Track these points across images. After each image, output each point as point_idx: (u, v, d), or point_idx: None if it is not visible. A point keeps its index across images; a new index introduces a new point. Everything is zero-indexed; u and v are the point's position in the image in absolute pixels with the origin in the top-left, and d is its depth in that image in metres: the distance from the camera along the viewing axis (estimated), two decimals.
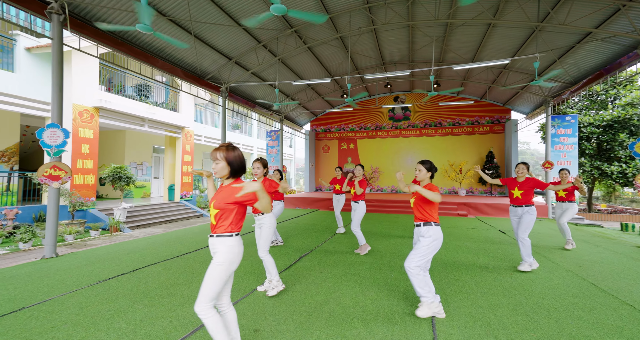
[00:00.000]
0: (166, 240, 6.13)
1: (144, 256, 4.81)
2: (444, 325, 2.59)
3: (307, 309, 2.89)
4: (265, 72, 11.04)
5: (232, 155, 1.89)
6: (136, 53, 7.38)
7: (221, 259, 1.85)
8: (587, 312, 2.88)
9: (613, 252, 5.43)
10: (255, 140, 20.41)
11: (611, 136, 11.71)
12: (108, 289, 3.39)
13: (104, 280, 3.70)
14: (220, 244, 1.89)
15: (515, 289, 3.48)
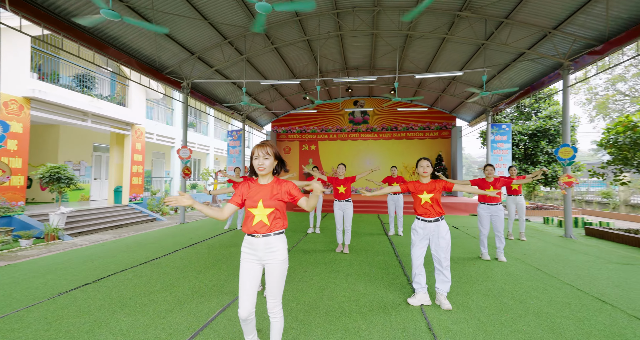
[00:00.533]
0: (125, 246, 5.61)
1: (105, 264, 4.36)
2: (432, 312, 2.84)
3: (304, 306, 2.94)
4: (228, 70, 10.68)
5: (277, 151, 1.92)
6: (87, 40, 6.64)
7: (284, 255, 1.89)
8: (541, 292, 3.39)
9: (544, 242, 6.37)
10: (212, 139, 19.51)
11: (535, 143, 13.68)
12: (75, 301, 3.03)
13: (66, 291, 3.29)
14: (279, 241, 1.89)
15: (481, 276, 3.92)
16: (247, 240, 1.93)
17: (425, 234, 2.97)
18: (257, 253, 1.88)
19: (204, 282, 3.62)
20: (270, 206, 1.86)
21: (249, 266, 1.90)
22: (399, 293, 3.30)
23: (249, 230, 1.89)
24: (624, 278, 3.95)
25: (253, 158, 1.89)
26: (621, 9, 6.20)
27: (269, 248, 1.87)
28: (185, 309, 2.87)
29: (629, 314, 2.85)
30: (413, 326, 2.54)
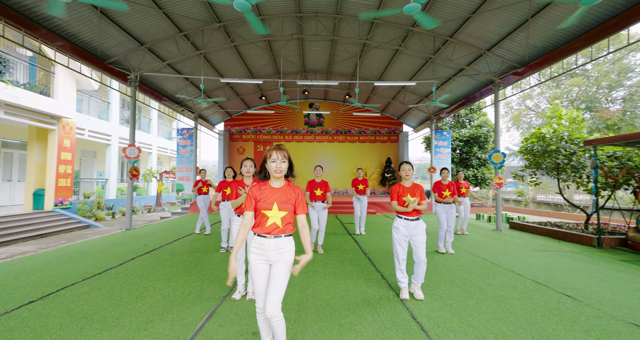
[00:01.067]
0: (65, 257, 4.90)
1: (47, 278, 3.78)
2: (410, 303, 3.11)
3: (292, 307, 2.97)
4: (180, 65, 10.01)
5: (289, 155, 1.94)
6: (10, 16, 5.65)
7: (292, 257, 1.92)
8: (492, 278, 3.93)
9: (482, 235, 7.31)
10: (155, 137, 17.95)
11: (469, 148, 15.51)
12: (23, 322, 2.60)
13: (9, 311, 2.80)
14: (289, 243, 1.92)
15: (441, 268, 4.38)
16: (256, 241, 1.91)
17: (408, 232, 3.18)
18: (267, 253, 1.88)
19: (178, 290, 3.40)
20: (284, 209, 1.89)
21: (260, 267, 1.91)
22: (377, 288, 3.52)
23: (262, 231, 1.88)
24: (547, 262, 4.78)
25: (269, 160, 1.89)
26: (537, 39, 7.43)
27: (279, 249, 1.89)
28: (166, 319, 2.68)
29: (559, 291, 3.48)
30: (399, 317, 2.77)
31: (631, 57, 16.88)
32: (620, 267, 4.62)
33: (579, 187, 8.15)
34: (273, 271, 1.89)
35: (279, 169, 1.87)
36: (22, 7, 5.81)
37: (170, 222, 9.21)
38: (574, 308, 3.00)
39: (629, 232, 6.29)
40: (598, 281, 3.87)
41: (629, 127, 15.83)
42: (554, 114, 8.89)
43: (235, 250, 1.87)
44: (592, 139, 6.71)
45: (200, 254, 5.11)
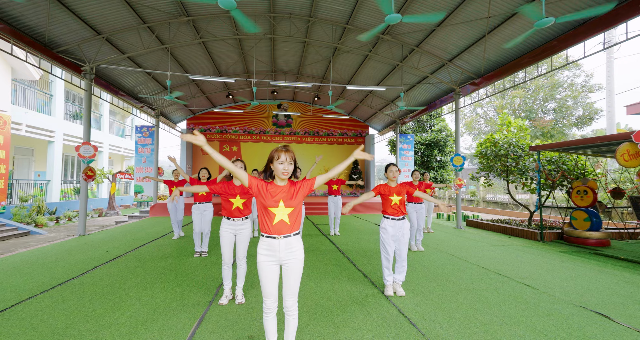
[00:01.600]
0: (11, 268, 4.32)
1: None
2: (396, 300, 3.28)
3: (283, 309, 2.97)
4: (142, 58, 9.35)
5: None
6: None
7: (303, 255, 1.98)
8: (462, 273, 4.27)
9: (445, 233, 7.87)
10: (107, 135, 16.47)
11: (429, 152, 16.56)
12: None
13: None
14: (298, 242, 1.97)
15: (416, 265, 4.65)
16: (265, 243, 1.93)
17: (395, 231, 3.31)
18: (276, 254, 1.91)
19: (157, 297, 3.21)
20: (291, 205, 1.91)
21: (269, 269, 1.92)
22: (361, 286, 3.65)
23: (270, 232, 1.90)
24: (504, 256, 5.32)
25: (276, 161, 1.90)
26: (491, 54, 8.21)
27: (289, 248, 1.92)
28: (152, 328, 2.53)
29: (519, 281, 3.91)
30: (388, 312, 2.91)
31: (560, 74, 19.37)
32: (561, 258, 5.29)
33: (524, 188, 9.14)
34: (286, 270, 1.95)
35: (286, 171, 1.89)
36: None
37: (129, 227, 8.55)
38: (534, 295, 3.40)
39: (565, 227, 7.22)
40: (547, 271, 4.40)
41: (559, 135, 18.15)
42: (503, 122, 9.86)
43: (208, 147, 1.83)
44: (536, 145, 7.58)
45: (173, 259, 4.85)
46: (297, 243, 1.96)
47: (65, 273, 4.09)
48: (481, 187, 18.30)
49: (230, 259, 3.11)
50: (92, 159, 7.27)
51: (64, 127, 13.33)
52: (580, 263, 4.91)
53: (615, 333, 2.55)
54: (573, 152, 7.69)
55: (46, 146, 13.15)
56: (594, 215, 6.67)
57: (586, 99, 18.29)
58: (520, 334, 2.51)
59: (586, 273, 4.32)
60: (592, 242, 6.53)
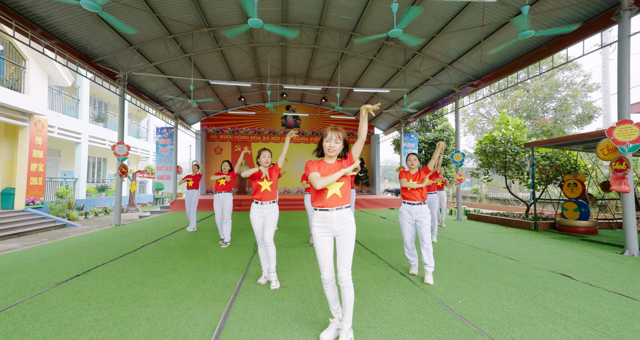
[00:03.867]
0: (73, 247, 5.12)
1: (74, 261, 4.10)
2: (418, 280, 3.98)
3: (315, 294, 3.69)
4: (165, 65, 10.20)
5: (346, 136, 2.12)
6: (10, 14, 5.75)
7: (354, 227, 2.07)
8: (456, 250, 4.96)
9: (447, 225, 8.51)
10: (126, 137, 17.41)
11: (432, 150, 17.16)
12: (85, 286, 3.04)
13: (67, 279, 3.20)
14: (350, 214, 2.07)
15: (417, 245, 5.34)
16: (319, 215, 2.06)
17: (412, 216, 3.47)
18: (330, 225, 2.03)
19: (203, 265, 3.96)
20: (341, 180, 2.04)
21: (323, 241, 2.07)
22: (380, 269, 4.25)
23: (323, 205, 2.04)
24: (496, 240, 5.97)
25: (325, 139, 2.07)
26: (488, 57, 8.84)
27: (341, 220, 2.03)
28: (208, 281, 3.28)
29: (505, 256, 4.59)
30: (413, 290, 3.62)
31: (560, 74, 19.81)
32: (549, 241, 5.93)
33: (521, 183, 9.73)
34: (340, 242, 2.04)
35: (332, 148, 2.03)
36: (19, 7, 5.91)
37: (156, 219, 9.38)
38: (514, 265, 4.07)
39: (557, 217, 7.82)
40: (531, 250, 5.06)
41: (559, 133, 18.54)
42: (502, 120, 10.47)
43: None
44: (531, 141, 8.19)
45: (204, 242, 5.60)
46: (348, 215, 2.05)
47: (121, 250, 4.89)
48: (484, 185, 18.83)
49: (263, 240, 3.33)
50: (125, 157, 8.11)
51: (90, 129, 14.31)
52: (563, 244, 5.55)
53: (571, 285, 3.22)
54: (565, 148, 8.29)
55: (72, 147, 14.14)
56: (583, 205, 7.27)
57: (585, 97, 18.72)
58: (495, 287, 3.20)
59: (565, 251, 4.97)
60: (581, 230, 7.13)
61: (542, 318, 2.46)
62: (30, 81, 10.30)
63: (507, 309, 2.61)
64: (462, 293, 3.00)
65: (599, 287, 3.19)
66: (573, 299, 2.84)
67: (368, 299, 2.84)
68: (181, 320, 2.38)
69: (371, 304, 2.72)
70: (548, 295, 2.95)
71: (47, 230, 9.33)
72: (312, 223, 2.10)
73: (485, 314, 2.53)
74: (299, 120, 17.07)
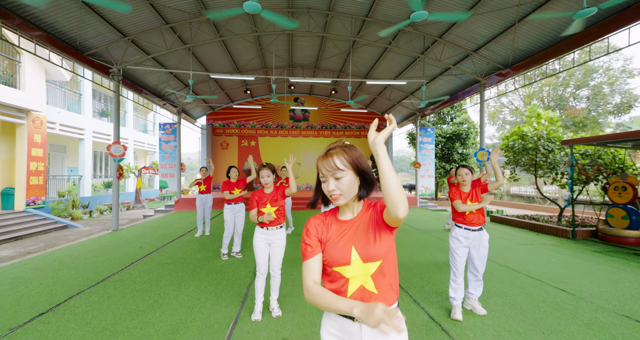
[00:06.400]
0: (58, 263, 4.63)
1: (47, 287, 3.57)
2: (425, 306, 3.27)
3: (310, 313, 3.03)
4: (164, 57, 9.54)
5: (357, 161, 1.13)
6: None
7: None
8: (491, 275, 4.20)
9: None
10: (131, 131, 17.07)
11: (450, 145, 16.12)
12: (42, 336, 2.48)
13: (22, 325, 2.64)
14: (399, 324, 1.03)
15: (442, 266, 4.61)
16: (335, 327, 1.11)
17: (468, 243, 2.92)
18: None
19: (193, 296, 3.35)
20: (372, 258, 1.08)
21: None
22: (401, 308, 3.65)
23: (341, 308, 1.05)
24: (534, 256, 5.17)
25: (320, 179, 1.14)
26: (521, 42, 7.80)
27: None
28: (192, 326, 2.66)
29: (553, 286, 3.81)
30: (419, 319, 2.91)
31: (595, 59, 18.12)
32: (597, 259, 5.08)
33: (553, 183, 8.76)
34: None
35: (332, 193, 1.08)
36: None
37: (157, 222, 8.92)
38: (571, 302, 3.30)
39: (600, 225, 6.90)
40: (584, 274, 4.25)
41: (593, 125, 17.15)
42: (532, 113, 9.42)
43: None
44: (569, 139, 7.21)
45: (202, 257, 5.02)
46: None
47: (106, 269, 4.34)
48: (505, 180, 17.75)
49: (265, 269, 2.92)
50: (122, 158, 7.58)
51: (93, 125, 13.93)
52: (619, 265, 4.70)
53: None
54: (610, 146, 7.27)
55: (77, 143, 13.82)
56: (633, 212, 6.33)
57: (625, 85, 17.08)
58: None
59: (627, 277, 4.14)
60: (630, 241, 6.22)
61: None
62: (26, 76, 9.84)
63: None
64: None
65: None
66: None
67: None
68: None
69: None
70: None
71: (47, 233, 9.00)
72: (321, 332, 1.16)
73: None
74: (308, 114, 16.27)
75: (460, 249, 2.93)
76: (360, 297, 1.06)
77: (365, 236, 1.07)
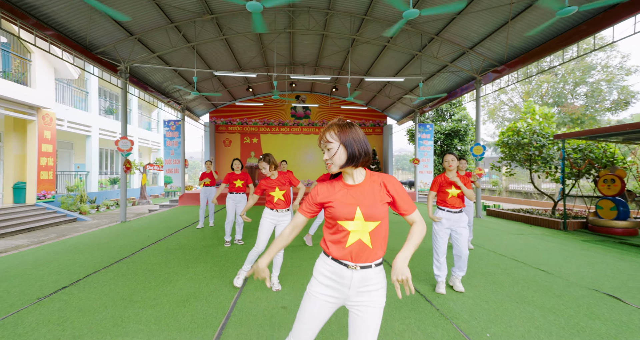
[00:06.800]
0: (72, 248, 4.94)
1: (65, 267, 3.88)
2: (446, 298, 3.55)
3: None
4: (169, 56, 9.84)
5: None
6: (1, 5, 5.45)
7: (384, 297, 1.35)
8: (478, 258, 4.47)
9: None
10: (136, 129, 17.42)
11: (449, 141, 16.35)
12: (67, 303, 2.78)
13: (47, 295, 2.95)
14: (380, 276, 1.32)
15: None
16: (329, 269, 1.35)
17: (450, 224, 3.16)
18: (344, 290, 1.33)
19: (200, 274, 3.66)
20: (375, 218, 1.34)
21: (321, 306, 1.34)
22: None
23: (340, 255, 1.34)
24: (522, 244, 5.43)
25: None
26: (515, 40, 8.02)
27: (365, 285, 1.32)
28: (200, 298, 2.96)
29: (535, 267, 4.07)
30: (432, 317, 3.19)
31: (593, 56, 18.28)
32: (583, 246, 5.34)
33: (547, 177, 9.00)
34: (356, 319, 1.31)
35: (327, 161, 1.33)
36: None
37: (163, 215, 9.25)
38: (548, 279, 3.57)
39: (589, 216, 7.14)
40: (565, 258, 4.51)
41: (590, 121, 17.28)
42: (527, 110, 9.64)
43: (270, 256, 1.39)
44: (561, 133, 7.44)
45: (207, 244, 5.32)
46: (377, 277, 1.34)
47: (118, 253, 4.66)
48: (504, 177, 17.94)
49: (263, 246, 3.18)
50: (129, 152, 7.90)
51: (100, 122, 14.28)
52: (601, 251, 4.96)
53: (623, 312, 2.71)
54: (601, 139, 7.50)
55: (84, 140, 14.19)
56: (621, 204, 6.57)
57: (622, 81, 17.20)
58: (529, 311, 2.73)
59: (606, 260, 4.40)
60: (618, 231, 6.47)
61: None
62: (36, 74, 10.17)
63: None
64: (489, 321, 2.55)
65: None
66: (630, 335, 2.35)
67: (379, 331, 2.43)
68: None
69: (380, 338, 2.31)
70: (596, 326, 2.47)
71: (57, 225, 9.36)
72: (314, 273, 1.37)
73: None
74: (309, 111, 16.54)
75: (442, 231, 3.19)
76: (357, 248, 1.27)
77: (370, 200, 1.29)
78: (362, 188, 1.32)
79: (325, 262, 1.34)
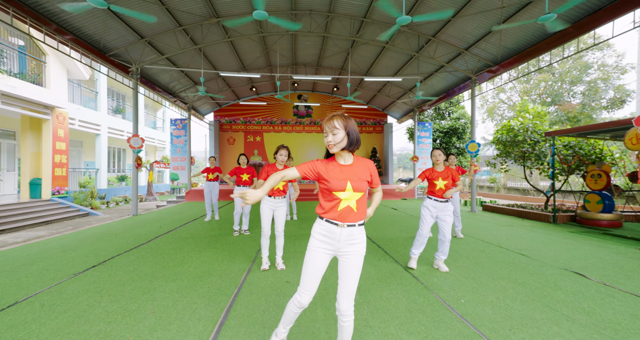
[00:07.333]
0: (93, 237, 5.38)
1: (91, 251, 4.31)
2: (421, 274, 3.95)
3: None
4: (176, 57, 10.27)
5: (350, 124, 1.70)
6: (25, 12, 5.89)
7: (364, 249, 1.73)
8: (466, 245, 4.86)
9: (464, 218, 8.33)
10: (142, 128, 17.89)
11: (448, 139, 16.69)
12: (99, 277, 3.21)
13: (79, 273, 3.38)
14: (362, 233, 1.72)
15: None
16: (323, 228, 1.72)
17: (436, 211, 3.51)
18: (335, 243, 1.71)
19: (211, 257, 4.08)
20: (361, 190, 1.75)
21: (320, 258, 1.72)
22: (385, 263, 4.34)
23: (332, 217, 1.70)
24: (509, 234, 5.81)
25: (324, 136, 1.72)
26: (508, 41, 8.37)
27: (351, 240, 1.70)
28: (214, 274, 3.38)
29: (517, 252, 4.46)
30: (415, 288, 3.60)
31: (590, 55, 18.50)
32: (566, 235, 5.71)
33: (541, 173, 9.34)
34: (344, 264, 1.71)
35: (329, 142, 1.67)
36: (33, 3, 6.04)
37: (171, 209, 9.69)
38: (525, 261, 3.96)
39: (578, 210, 7.49)
40: (546, 245, 4.89)
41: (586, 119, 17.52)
42: (522, 108, 9.98)
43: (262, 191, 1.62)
44: (552, 130, 7.79)
45: (216, 234, 5.75)
46: (360, 235, 1.75)
47: (136, 240, 5.10)
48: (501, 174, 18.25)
49: (269, 231, 3.59)
50: (140, 149, 8.34)
51: (109, 121, 14.77)
52: (582, 240, 5.33)
53: (583, 285, 3.10)
54: (589, 137, 7.83)
55: (93, 138, 14.68)
56: (607, 198, 6.92)
57: (618, 80, 17.42)
58: (502, 285, 3.12)
59: (583, 247, 4.77)
60: (603, 223, 6.82)
61: (546, 320, 2.38)
62: (50, 75, 10.64)
63: (511, 310, 2.55)
64: (466, 291, 2.95)
65: (614, 287, 3.06)
66: (583, 300, 2.74)
67: (369, 296, 2.84)
68: (185, 314, 2.47)
69: (371, 302, 2.72)
70: (557, 295, 2.86)
71: (72, 219, 9.84)
72: (312, 233, 1.76)
73: (487, 314, 2.48)
74: (311, 110, 16.93)
75: (428, 216, 3.57)
76: (346, 212, 1.68)
77: (358, 177, 1.71)
78: (352, 168, 1.74)
79: (320, 224, 1.75)
